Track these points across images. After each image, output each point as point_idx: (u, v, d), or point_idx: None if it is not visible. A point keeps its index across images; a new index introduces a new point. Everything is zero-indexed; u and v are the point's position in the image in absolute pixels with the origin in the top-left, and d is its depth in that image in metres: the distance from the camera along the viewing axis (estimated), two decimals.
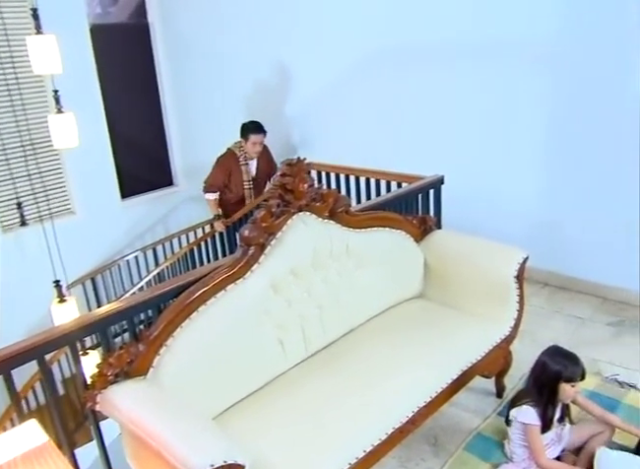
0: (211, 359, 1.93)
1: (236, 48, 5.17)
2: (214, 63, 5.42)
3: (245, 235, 2.01)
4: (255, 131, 4.43)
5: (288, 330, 2.14)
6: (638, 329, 3.26)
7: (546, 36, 3.40)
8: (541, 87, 3.53)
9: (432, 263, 2.66)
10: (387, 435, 1.97)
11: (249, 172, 4.58)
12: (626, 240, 3.42)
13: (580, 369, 2.13)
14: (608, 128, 3.32)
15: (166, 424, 1.63)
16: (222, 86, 5.42)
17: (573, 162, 3.53)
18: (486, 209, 3.92)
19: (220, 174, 4.54)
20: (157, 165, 6.20)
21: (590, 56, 3.28)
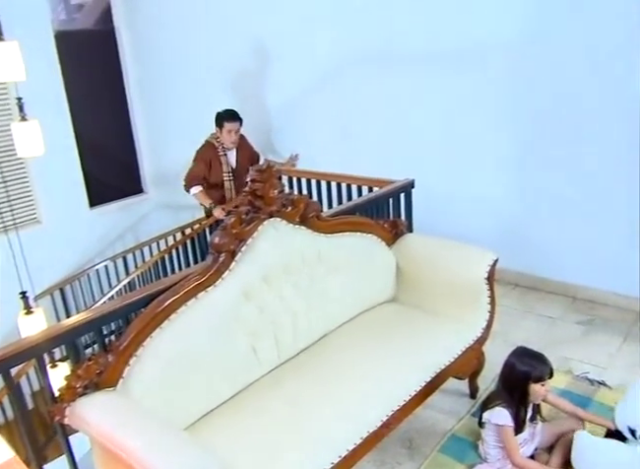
0: (182, 368, 1.90)
1: (205, 53, 5.15)
2: (182, 69, 5.38)
3: (215, 243, 1.99)
4: (230, 119, 4.27)
5: (260, 337, 2.12)
6: (608, 327, 3.32)
7: (510, 40, 3.45)
8: (508, 90, 3.58)
9: (404, 267, 2.68)
10: (362, 440, 1.97)
11: (229, 163, 4.43)
12: (595, 240, 3.49)
13: (548, 368, 2.17)
14: (573, 130, 3.39)
15: (137, 435, 1.60)
16: (191, 91, 5.38)
17: (541, 164, 3.59)
18: (457, 212, 3.96)
19: (200, 167, 4.37)
20: (126, 172, 6.12)
21: (554, 58, 3.34)
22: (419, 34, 3.80)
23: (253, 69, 4.88)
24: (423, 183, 3.33)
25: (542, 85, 3.44)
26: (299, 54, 4.51)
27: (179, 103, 5.52)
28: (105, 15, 5.64)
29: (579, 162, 3.42)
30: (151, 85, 5.76)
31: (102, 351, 1.87)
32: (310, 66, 4.48)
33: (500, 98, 3.62)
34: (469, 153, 3.86)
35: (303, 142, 4.71)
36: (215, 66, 5.12)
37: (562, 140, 3.45)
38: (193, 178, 4.36)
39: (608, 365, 2.96)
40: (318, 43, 4.34)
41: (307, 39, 4.41)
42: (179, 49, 5.32)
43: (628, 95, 3.13)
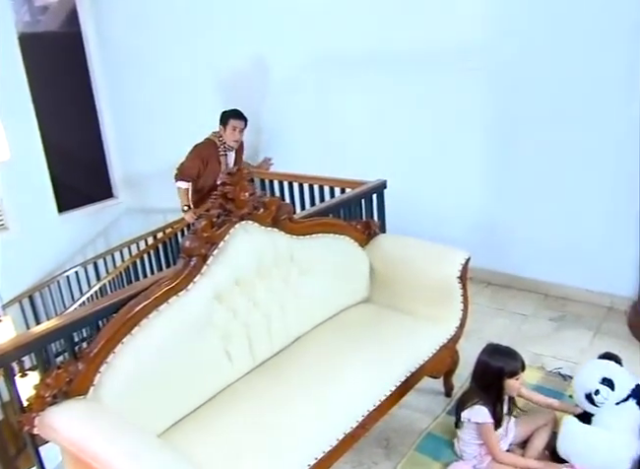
0: (155, 374, 1.88)
1: (177, 57, 5.09)
2: (151, 71, 5.32)
3: (186, 246, 1.97)
4: (236, 116, 4.23)
5: (233, 341, 2.11)
6: (579, 323, 3.37)
7: (486, 43, 3.49)
8: (478, 91, 3.62)
9: (378, 267, 2.68)
10: (338, 441, 1.97)
11: (227, 164, 4.34)
12: (566, 238, 3.55)
13: (520, 362, 2.20)
14: (543, 130, 3.44)
15: (109, 443, 1.58)
16: (162, 94, 5.32)
17: (512, 164, 3.63)
18: (429, 212, 3.98)
19: (197, 163, 4.25)
20: (95, 176, 6.02)
21: (529, 60, 3.38)
22: (395, 38, 3.81)
23: (227, 72, 4.84)
24: (396, 184, 3.34)
25: (515, 87, 3.48)
26: (276, 57, 4.48)
27: (150, 106, 5.46)
28: (71, 17, 5.55)
29: (550, 162, 3.47)
30: (120, 88, 5.68)
31: (72, 358, 1.83)
32: (286, 69, 4.47)
33: (474, 99, 3.65)
34: (441, 153, 3.89)
35: (279, 145, 4.70)
36: (186, 69, 5.06)
37: (534, 141, 3.49)
38: (185, 173, 4.26)
39: (580, 360, 2.99)
40: (294, 46, 4.32)
41: (284, 41, 4.38)
42: (149, 52, 5.26)
43: (601, 98, 3.20)
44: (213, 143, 4.26)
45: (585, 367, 2.31)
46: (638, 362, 2.96)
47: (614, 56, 3.10)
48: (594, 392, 2.15)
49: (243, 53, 4.66)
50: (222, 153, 4.27)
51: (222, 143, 4.25)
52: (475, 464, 2.26)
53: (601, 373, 2.19)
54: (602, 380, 2.16)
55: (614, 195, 3.31)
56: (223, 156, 4.28)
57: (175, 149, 4.45)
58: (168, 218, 4.96)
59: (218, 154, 4.25)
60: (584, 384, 2.21)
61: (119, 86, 5.67)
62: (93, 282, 4.96)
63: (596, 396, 2.15)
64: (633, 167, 3.19)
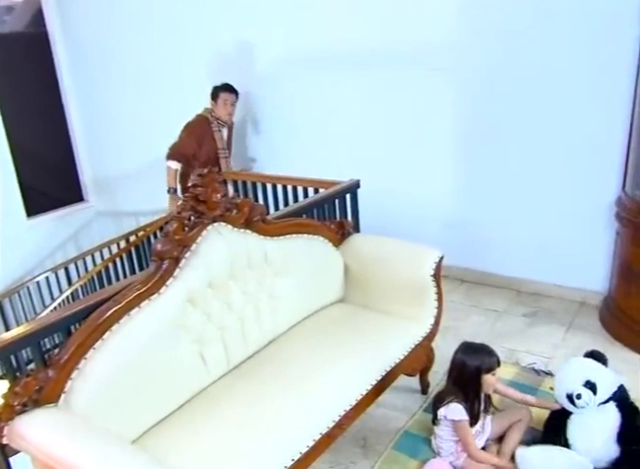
0: (128, 379, 1.85)
1: (143, 56, 5.02)
2: (120, 71, 5.24)
3: (158, 249, 1.94)
4: (225, 89, 4.10)
5: (208, 344, 2.08)
6: (551, 318, 3.42)
7: (459, 42, 3.52)
8: (451, 91, 3.66)
9: (352, 267, 2.68)
10: (315, 442, 1.96)
11: (222, 140, 4.18)
12: (537, 235, 3.60)
13: (495, 358, 2.23)
14: (514, 130, 3.48)
15: (82, 451, 1.55)
16: (132, 94, 5.24)
17: (484, 163, 3.67)
18: (403, 211, 4.00)
19: (191, 142, 4.06)
20: (64, 180, 5.91)
21: (497, 61, 3.43)
22: (368, 37, 3.82)
23: (200, 71, 4.79)
24: (370, 184, 3.35)
25: (486, 87, 3.52)
26: (247, 55, 4.45)
27: (120, 107, 5.37)
28: (37, 17, 5.44)
29: (521, 161, 3.52)
30: (89, 89, 5.59)
31: (42, 366, 1.79)
32: (257, 67, 4.44)
33: (447, 99, 3.68)
34: (414, 153, 3.91)
35: (255, 146, 4.68)
36: (156, 70, 5.00)
37: (505, 140, 3.54)
38: (177, 152, 4.09)
39: (553, 354, 3.05)
40: (267, 42, 4.30)
41: (257, 37, 4.35)
42: (117, 51, 5.18)
43: (570, 97, 3.26)
44: (205, 119, 4.11)
45: (570, 365, 2.28)
46: (610, 354, 2.99)
47: (585, 57, 3.15)
48: (575, 395, 2.14)
49: (212, 53, 4.62)
50: (215, 129, 4.12)
51: (215, 118, 4.12)
52: (451, 461, 2.27)
53: (585, 376, 2.16)
54: (585, 383, 2.14)
55: (585, 192, 3.37)
56: (217, 132, 4.13)
57: (147, 150, 4.42)
58: (141, 221, 4.90)
59: (211, 130, 4.10)
60: (567, 384, 2.19)
61: (88, 87, 5.58)
62: (64, 287, 4.87)
63: (577, 400, 2.14)
64: (602, 163, 3.26)
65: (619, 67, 3.06)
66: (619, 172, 3.21)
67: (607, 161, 3.24)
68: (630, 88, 3.03)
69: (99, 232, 5.52)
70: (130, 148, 4.52)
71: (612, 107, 3.14)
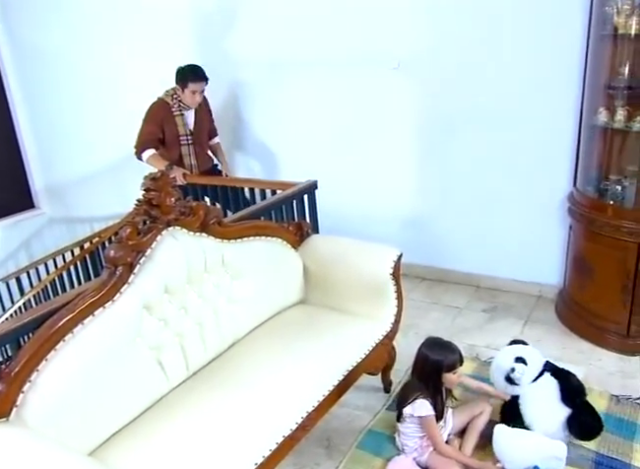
0: (83, 390, 1.79)
1: (88, 59, 4.90)
2: (69, 75, 5.10)
3: (111, 256, 1.89)
4: (195, 78, 3.66)
5: (166, 351, 2.04)
6: (510, 313, 3.49)
7: (411, 46, 3.56)
8: (406, 90, 3.68)
9: (312, 268, 2.68)
10: (278, 444, 1.95)
11: (186, 125, 3.81)
12: (494, 231, 3.67)
13: (458, 356, 2.25)
14: (468, 129, 3.54)
15: (33, 466, 1.49)
16: (82, 97, 5.10)
17: (440, 161, 3.72)
18: (362, 211, 4.02)
19: (153, 128, 3.72)
20: (13, 186, 5.66)
21: (452, 65, 3.48)
22: (327, 37, 3.82)
23: (152, 75, 4.70)
24: (328, 184, 3.35)
25: (443, 86, 3.55)
26: (212, 58, 4.39)
27: (71, 112, 5.23)
28: None
29: (476, 159, 3.58)
30: (37, 92, 5.38)
31: None
32: (218, 69, 4.39)
33: (403, 98, 3.71)
34: (371, 153, 3.93)
35: None
36: (106, 71, 4.89)
37: (460, 140, 3.59)
38: (144, 142, 3.75)
39: None
40: (230, 44, 4.25)
41: (221, 37, 4.30)
42: (67, 56, 5.04)
43: (522, 98, 3.33)
44: (164, 103, 3.78)
45: (498, 354, 2.50)
46: (566, 345, 3.10)
47: (535, 59, 3.23)
48: (510, 371, 2.32)
49: (159, 56, 4.54)
50: (176, 112, 3.77)
51: (177, 101, 3.77)
52: (415, 457, 2.29)
53: (513, 354, 2.39)
54: (515, 359, 2.35)
55: (538, 189, 3.45)
56: (178, 116, 3.78)
57: (100, 155, 4.30)
58: (95, 227, 4.79)
59: (172, 114, 3.76)
60: (500, 367, 2.39)
61: (36, 90, 5.37)
62: (16, 297, 4.72)
63: (513, 374, 2.32)
64: (554, 160, 3.34)
65: (567, 69, 3.15)
66: (570, 169, 3.29)
67: (558, 158, 3.32)
68: (578, 87, 3.12)
69: (53, 239, 5.35)
70: (82, 153, 4.40)
71: (562, 106, 3.22)
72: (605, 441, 2.35)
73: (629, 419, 2.48)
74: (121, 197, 4.17)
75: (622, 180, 2.97)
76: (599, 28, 2.91)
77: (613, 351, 2.99)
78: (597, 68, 2.97)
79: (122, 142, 4.12)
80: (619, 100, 2.89)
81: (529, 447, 2.15)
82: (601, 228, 2.93)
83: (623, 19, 2.74)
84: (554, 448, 2.13)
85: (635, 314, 2.91)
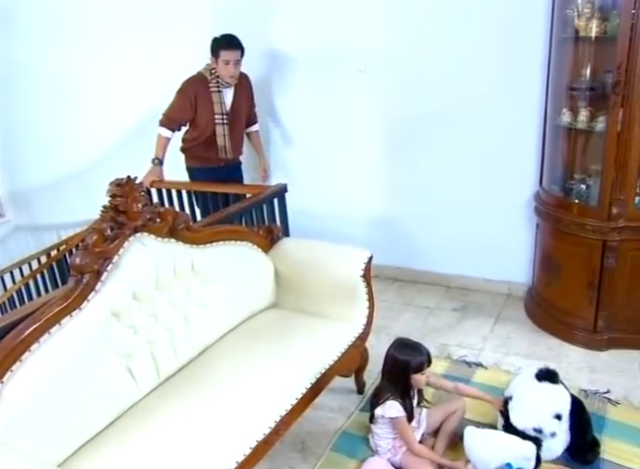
0: (51, 401, 1.76)
1: (56, 64, 4.81)
2: (32, 77, 4.98)
3: (77, 263, 1.85)
4: (226, 45, 3.37)
5: (136, 358, 2.02)
6: (480, 312, 3.54)
7: (378, 47, 3.59)
8: (373, 92, 3.71)
9: (283, 271, 2.67)
10: (252, 449, 1.94)
11: (223, 103, 3.50)
12: (463, 231, 3.71)
13: (426, 357, 2.26)
14: (436, 129, 3.58)
15: None
16: (47, 103, 5.00)
17: (409, 162, 3.75)
18: (333, 214, 4.03)
19: (183, 104, 3.44)
20: None
21: (418, 66, 3.52)
22: (291, 39, 3.83)
23: (112, 71, 4.64)
24: (298, 187, 3.35)
25: (410, 88, 3.59)
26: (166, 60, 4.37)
27: (36, 118, 5.12)
28: None
29: (445, 159, 3.62)
30: (1, 98, 5.29)
31: None
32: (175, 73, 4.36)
33: (371, 100, 3.73)
34: (341, 154, 3.94)
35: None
36: (75, 75, 4.81)
37: (429, 139, 3.62)
38: (171, 118, 3.52)
39: (483, 346, 3.14)
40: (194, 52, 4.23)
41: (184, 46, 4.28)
42: (29, 55, 4.91)
43: (489, 99, 3.38)
44: (202, 77, 3.48)
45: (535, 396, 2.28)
46: (536, 342, 3.15)
47: (500, 61, 3.28)
48: (550, 434, 2.20)
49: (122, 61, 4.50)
50: (213, 88, 3.47)
51: (215, 76, 3.47)
52: (389, 457, 2.30)
53: (554, 410, 2.22)
54: (554, 416, 2.21)
55: (505, 188, 3.50)
56: (215, 92, 3.47)
57: (66, 161, 4.22)
58: (62, 234, 4.70)
59: (209, 90, 3.46)
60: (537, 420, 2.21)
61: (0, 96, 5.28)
62: None
63: (552, 437, 2.21)
64: (520, 160, 3.39)
65: (532, 71, 3.20)
66: (536, 169, 3.35)
67: (525, 158, 3.38)
68: (542, 89, 3.18)
69: (18, 247, 5.23)
70: (47, 159, 4.30)
71: (528, 107, 3.28)
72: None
73: (597, 413, 2.53)
74: (89, 203, 4.07)
75: (586, 179, 3.04)
76: (560, 30, 2.97)
77: (581, 346, 3.05)
78: (560, 70, 3.04)
79: (89, 147, 4.07)
80: (582, 101, 2.95)
81: (498, 448, 2.15)
82: (566, 226, 2.99)
83: (584, 22, 2.80)
84: (523, 448, 2.14)
85: (601, 310, 2.97)
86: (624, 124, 2.67)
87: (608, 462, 2.25)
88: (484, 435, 2.21)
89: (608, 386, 2.71)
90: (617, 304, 2.95)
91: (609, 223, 2.81)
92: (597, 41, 2.83)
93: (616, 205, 2.79)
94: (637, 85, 2.59)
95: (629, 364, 2.89)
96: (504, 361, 2.99)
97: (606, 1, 2.75)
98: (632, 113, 2.64)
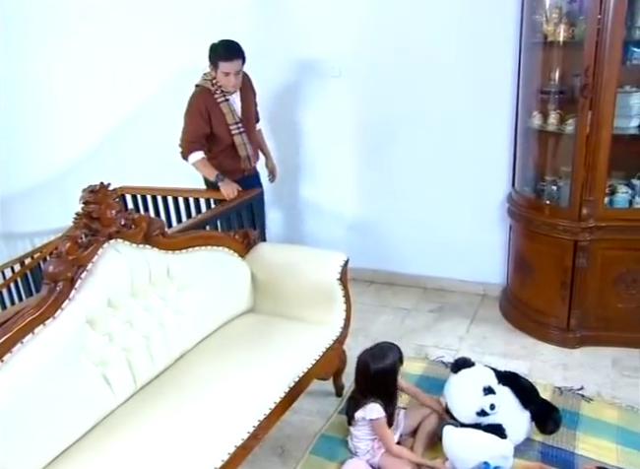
0: (25, 411, 1.73)
1: (27, 68, 4.76)
2: (4, 78, 4.91)
3: (50, 271, 1.84)
4: (226, 56, 3.09)
5: (112, 366, 2.00)
6: (456, 312, 3.58)
7: (351, 50, 3.62)
8: (348, 96, 3.75)
9: (260, 276, 2.68)
10: (230, 455, 1.93)
11: (234, 111, 3.26)
12: (439, 233, 3.76)
13: (398, 356, 2.28)
14: (409, 133, 3.62)
15: None
16: (22, 108, 4.93)
17: (384, 165, 3.78)
18: (309, 218, 4.05)
19: (197, 122, 3.19)
20: None
21: (388, 66, 3.56)
22: (266, 45, 3.82)
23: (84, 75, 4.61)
24: (275, 192, 3.36)
25: (384, 92, 3.62)
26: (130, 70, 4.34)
27: (8, 119, 5.04)
28: None
29: (420, 162, 3.66)
30: None
31: None
32: (152, 82, 4.35)
33: (345, 104, 3.77)
34: (317, 158, 3.97)
35: (144, 159, 4.55)
36: (50, 79, 4.76)
37: (403, 143, 3.66)
38: (190, 142, 3.22)
39: (460, 346, 3.18)
40: (154, 60, 4.23)
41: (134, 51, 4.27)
42: (8, 54, 4.83)
43: (460, 101, 3.43)
44: (205, 90, 3.21)
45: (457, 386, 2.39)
46: (511, 342, 3.20)
47: (473, 66, 3.34)
48: (489, 407, 2.27)
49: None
50: (220, 99, 3.22)
51: (217, 86, 3.21)
52: (368, 459, 2.31)
53: (478, 387, 2.32)
54: (484, 392, 2.30)
55: (479, 190, 3.56)
56: (223, 102, 3.22)
57: (41, 168, 4.16)
58: (36, 242, 4.63)
59: (216, 102, 3.21)
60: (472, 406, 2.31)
61: None
62: None
63: (492, 410, 2.28)
64: (493, 163, 3.45)
65: (503, 75, 3.27)
66: (509, 171, 3.41)
67: (497, 160, 3.44)
68: (513, 92, 3.24)
69: None
70: (21, 167, 4.24)
71: (500, 111, 3.34)
72: None
73: (572, 409, 2.58)
74: (64, 210, 4.02)
75: (557, 181, 3.10)
76: (530, 35, 3.03)
77: (555, 344, 3.11)
78: (530, 74, 3.10)
79: (63, 154, 4.03)
80: (552, 104, 3.01)
81: (476, 447, 2.19)
82: (538, 227, 3.04)
83: (552, 27, 2.86)
84: (501, 447, 2.19)
85: (574, 308, 3.03)
86: (593, 126, 2.73)
87: (583, 457, 2.30)
88: (463, 435, 2.24)
89: (581, 383, 2.76)
90: (589, 303, 3.01)
91: (580, 223, 2.87)
92: (565, 46, 2.89)
93: (586, 206, 2.85)
94: (604, 88, 2.65)
95: (601, 360, 2.96)
96: (480, 360, 2.99)
97: (573, 7, 2.83)
98: (600, 116, 2.70)
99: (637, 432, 2.43)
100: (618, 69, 2.64)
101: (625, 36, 2.63)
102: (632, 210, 2.89)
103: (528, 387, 2.39)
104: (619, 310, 2.98)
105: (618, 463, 2.26)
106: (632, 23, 2.67)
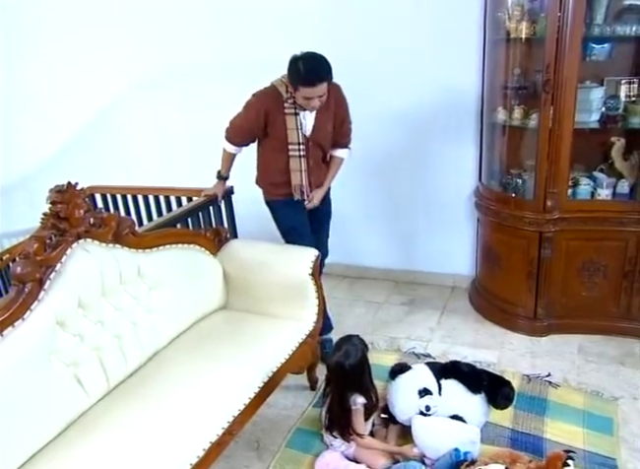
0: None
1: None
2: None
3: (17, 273, 1.82)
4: (308, 81, 2.53)
5: (83, 366, 2.00)
6: (427, 304, 3.64)
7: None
8: None
9: (232, 273, 2.69)
10: (205, 451, 1.95)
11: (300, 129, 2.72)
12: (409, 227, 3.82)
13: (361, 344, 2.33)
14: (377, 129, 3.64)
15: None
16: None
17: (352, 161, 3.77)
18: None
19: (249, 118, 2.74)
20: None
21: (361, 60, 3.55)
22: (211, 48, 3.85)
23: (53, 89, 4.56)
24: (245, 189, 3.35)
25: (354, 90, 3.60)
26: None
27: None
28: None
29: (388, 158, 3.70)
30: None
31: None
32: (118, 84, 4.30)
33: None
34: None
35: (120, 159, 4.52)
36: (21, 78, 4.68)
37: (372, 139, 3.66)
38: (235, 131, 2.84)
39: (431, 338, 3.24)
40: (124, 61, 4.18)
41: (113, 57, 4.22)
42: None
43: (430, 101, 3.48)
44: (276, 93, 2.68)
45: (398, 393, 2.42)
46: (480, 332, 3.27)
47: (444, 63, 3.37)
48: (425, 408, 2.34)
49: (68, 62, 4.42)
50: (289, 110, 2.68)
51: (290, 96, 2.67)
52: (343, 450, 2.34)
53: (415, 388, 2.38)
54: (420, 393, 2.36)
55: (448, 185, 3.61)
56: (291, 115, 2.69)
57: (8, 166, 4.08)
58: (5, 243, 4.55)
59: (282, 111, 2.68)
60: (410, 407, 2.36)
61: None
62: None
63: (428, 411, 2.34)
64: (460, 157, 3.50)
65: (468, 70, 3.31)
66: (476, 165, 3.47)
67: (465, 155, 3.49)
68: (479, 87, 3.30)
69: None
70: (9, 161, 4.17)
71: (466, 106, 3.39)
72: (518, 418, 2.51)
73: (540, 396, 2.66)
74: (33, 211, 3.98)
75: (522, 174, 3.17)
76: (493, 32, 3.08)
77: (523, 333, 3.19)
78: (494, 70, 3.15)
79: (31, 153, 3.97)
80: (515, 100, 3.08)
81: (445, 434, 2.24)
82: (505, 219, 3.11)
83: (514, 24, 2.91)
84: (469, 433, 2.25)
85: (540, 298, 3.11)
86: (555, 121, 2.80)
87: (551, 441, 2.37)
88: (431, 423, 2.29)
89: (548, 370, 2.84)
90: (555, 292, 3.09)
91: (545, 215, 2.94)
92: (527, 43, 2.96)
93: (550, 198, 2.92)
94: (565, 83, 2.72)
95: (567, 347, 3.04)
96: (451, 350, 3.09)
97: (534, 4, 2.88)
98: (562, 110, 2.77)
99: (602, 415, 2.51)
100: (579, 65, 2.71)
101: (585, 33, 2.70)
102: (594, 201, 2.97)
103: (470, 372, 2.44)
104: (584, 299, 3.07)
105: (585, 446, 2.33)
106: (591, 20, 2.73)
